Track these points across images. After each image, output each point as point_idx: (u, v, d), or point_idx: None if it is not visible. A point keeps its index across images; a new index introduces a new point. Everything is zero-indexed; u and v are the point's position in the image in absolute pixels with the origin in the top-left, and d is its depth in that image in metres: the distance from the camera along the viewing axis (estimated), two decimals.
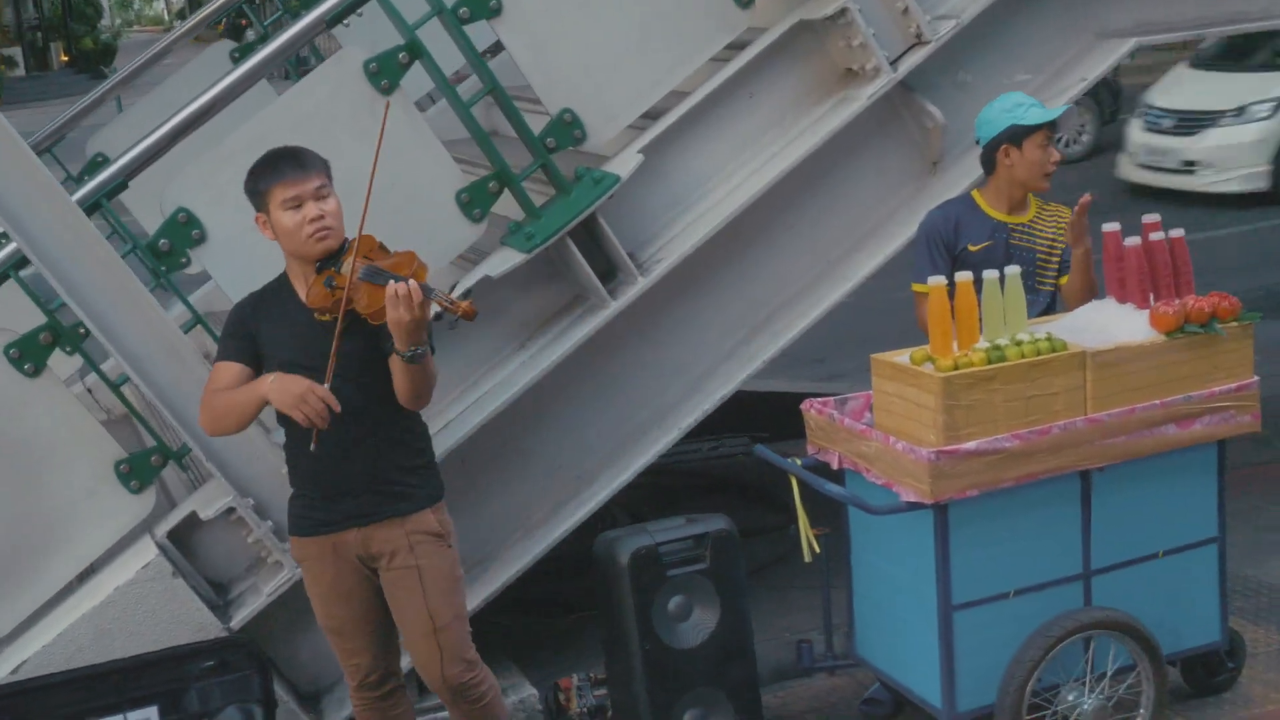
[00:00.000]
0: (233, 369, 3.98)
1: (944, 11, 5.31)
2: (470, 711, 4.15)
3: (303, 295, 3.98)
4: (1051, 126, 4.72)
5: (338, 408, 3.77)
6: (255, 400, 3.89)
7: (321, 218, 3.91)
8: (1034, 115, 4.70)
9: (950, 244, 4.76)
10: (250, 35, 7.47)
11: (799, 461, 4.66)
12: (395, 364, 3.85)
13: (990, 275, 4.25)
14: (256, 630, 4.64)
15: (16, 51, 40.92)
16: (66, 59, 42.20)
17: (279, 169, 3.93)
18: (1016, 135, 4.69)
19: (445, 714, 4.44)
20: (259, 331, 3.99)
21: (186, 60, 7.15)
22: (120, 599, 4.48)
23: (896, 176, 5.45)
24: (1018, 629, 4.35)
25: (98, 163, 6.03)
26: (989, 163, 4.78)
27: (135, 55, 7.59)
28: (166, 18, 64.31)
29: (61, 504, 4.50)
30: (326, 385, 3.78)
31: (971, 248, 4.74)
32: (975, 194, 4.87)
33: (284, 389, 3.79)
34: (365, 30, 5.63)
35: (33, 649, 4.44)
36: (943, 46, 5.26)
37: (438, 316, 3.89)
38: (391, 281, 3.69)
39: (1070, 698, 4.40)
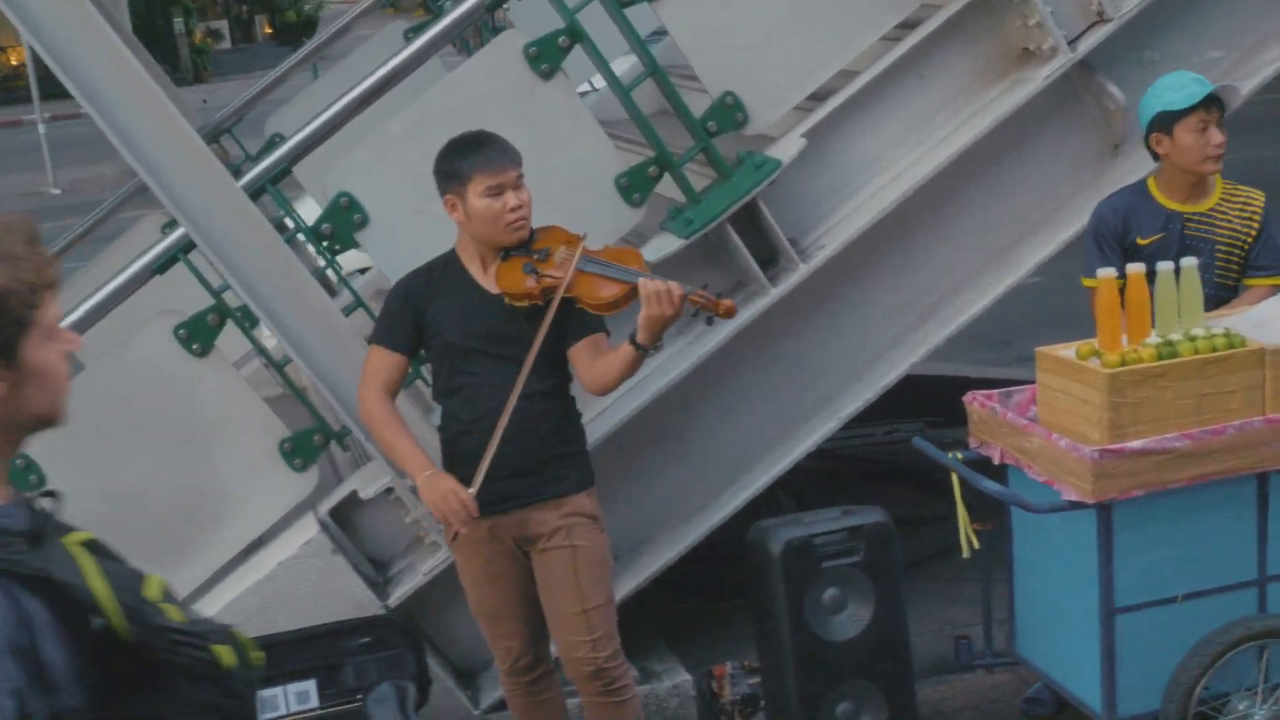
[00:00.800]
0: (389, 358, 4.07)
1: None
2: (608, 705, 4.15)
3: (479, 277, 4.01)
4: (1208, 108, 4.45)
5: (476, 513, 3.89)
6: (404, 468, 4.10)
7: (520, 208, 3.97)
8: (1180, 98, 4.45)
9: (1119, 237, 4.56)
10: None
11: (960, 456, 4.56)
12: (619, 354, 3.92)
13: (1165, 266, 4.08)
14: (414, 608, 4.72)
15: (223, 25, 42.22)
16: (270, 31, 43.36)
17: (485, 155, 3.97)
18: (1166, 121, 4.45)
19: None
20: (427, 309, 4.04)
21: (378, 32, 7.26)
22: (283, 573, 4.61)
23: (1075, 160, 5.26)
24: (1185, 634, 4.18)
25: (274, 143, 6.15)
26: (1152, 152, 4.58)
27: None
28: None
29: (229, 480, 4.64)
30: (527, 368, 3.88)
31: (1141, 241, 4.53)
32: (1150, 181, 4.65)
33: (431, 486, 3.92)
34: (530, 12, 5.64)
35: None
36: (1126, 24, 5.04)
37: (693, 314, 3.92)
38: (643, 279, 3.81)
39: (1241, 707, 4.23)
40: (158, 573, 2.16)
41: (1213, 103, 4.46)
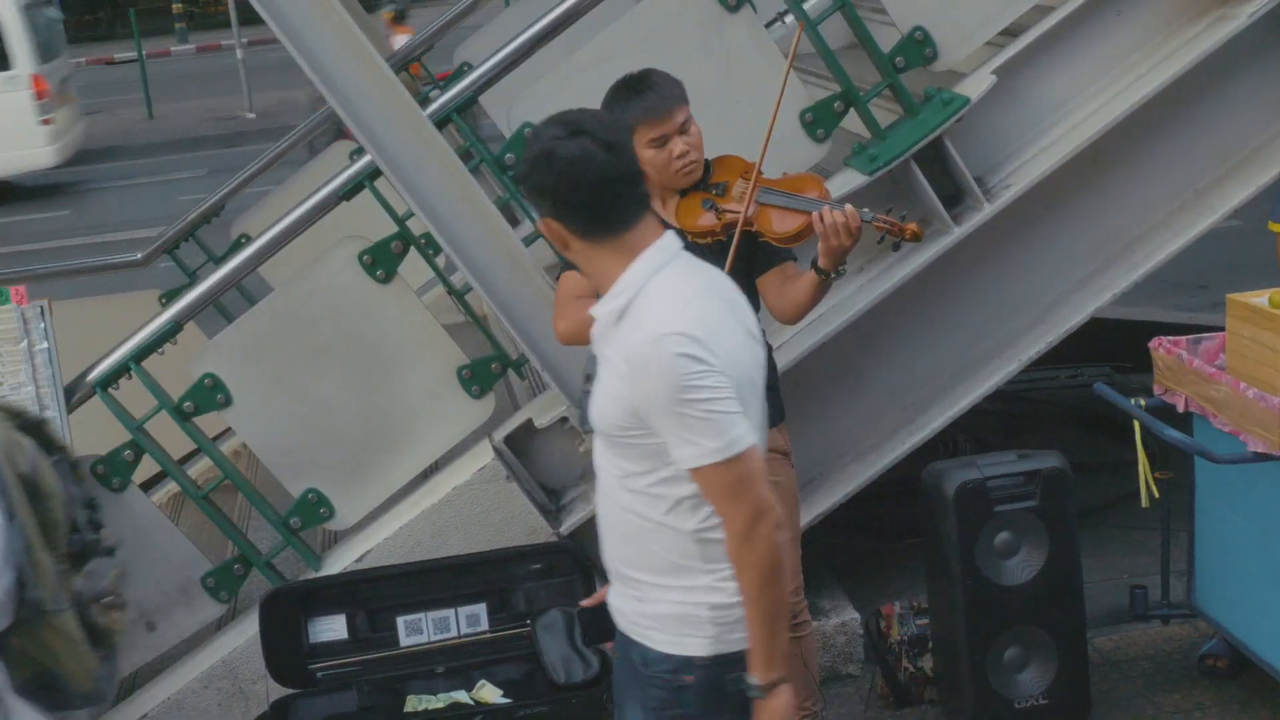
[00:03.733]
0: (580, 280, 3.89)
1: None
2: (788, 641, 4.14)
3: (660, 212, 4.00)
4: None
5: None
6: None
7: (687, 153, 3.88)
8: None
9: None
10: None
11: (1143, 403, 4.45)
12: (805, 280, 3.86)
13: None
14: (585, 536, 4.76)
15: None
16: None
17: (645, 105, 3.83)
18: None
19: None
20: None
21: None
22: (457, 499, 4.69)
23: (1277, 102, 5.06)
24: None
25: (462, 71, 6.21)
26: None
27: None
28: None
29: (408, 404, 4.73)
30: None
31: None
32: None
33: None
34: None
35: (375, 541, 4.70)
36: None
37: (880, 239, 3.87)
38: (826, 209, 3.72)
39: None
40: (340, 491, 2.22)
41: None
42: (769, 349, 3.99)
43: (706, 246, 3.91)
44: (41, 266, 8.15)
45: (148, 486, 5.17)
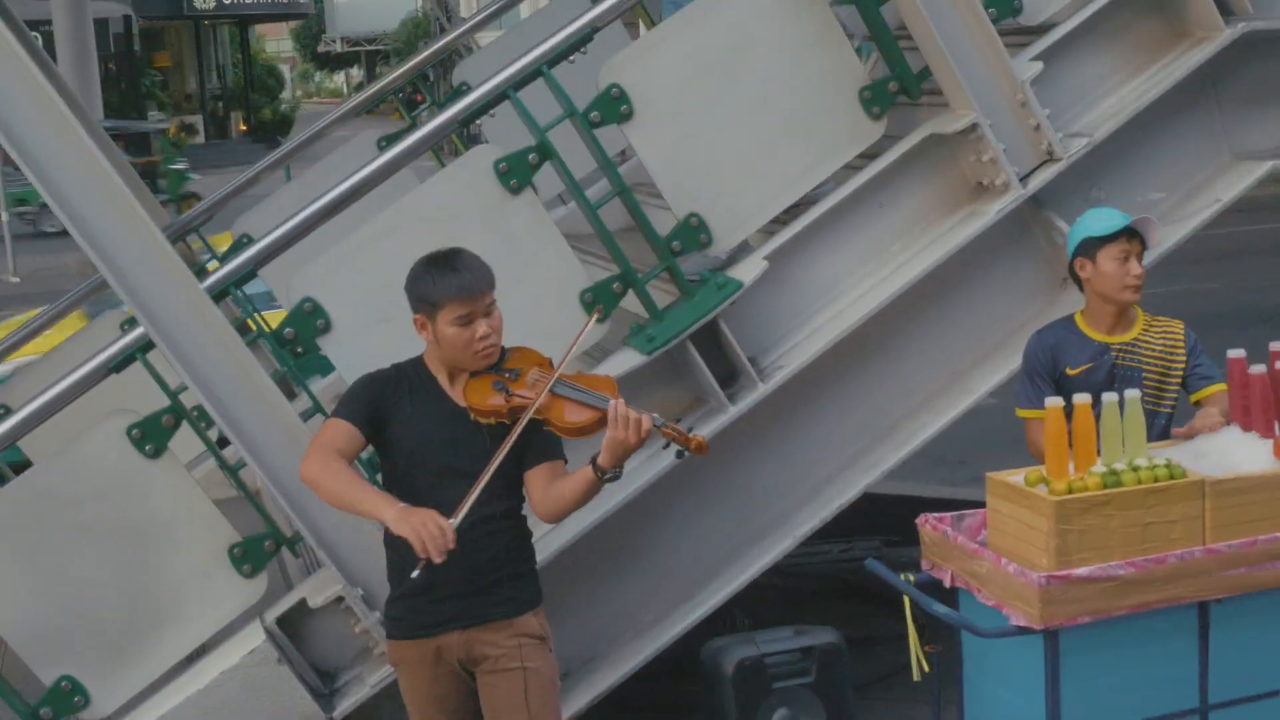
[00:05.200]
0: (347, 430, 3.92)
1: (1078, 129, 5.26)
2: None
3: (446, 388, 4.01)
4: (1130, 239, 4.58)
5: (453, 543, 3.70)
6: (370, 512, 3.81)
7: (489, 335, 3.92)
8: (1103, 226, 4.59)
9: (1050, 369, 4.67)
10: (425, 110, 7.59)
11: (912, 578, 4.57)
12: (577, 478, 3.86)
13: (1109, 398, 4.14)
14: None
15: (198, 119, 42.50)
16: (245, 128, 43.69)
17: (456, 282, 3.89)
18: (1089, 247, 4.60)
19: None
20: (393, 408, 3.98)
21: (360, 131, 7.32)
22: (226, 683, 4.54)
23: (1026, 290, 5.37)
24: None
25: (241, 244, 6.19)
26: (1076, 280, 4.70)
27: (310, 126, 7.82)
28: (346, 90, 66.28)
29: (175, 584, 4.58)
30: (481, 484, 3.79)
31: (1070, 371, 4.64)
32: (1077, 315, 4.76)
33: (406, 516, 3.70)
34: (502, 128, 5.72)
35: None
36: (1075, 163, 5.21)
37: (664, 446, 3.92)
38: (613, 403, 3.74)
39: None
40: (97, 678, 2.14)
41: (1134, 235, 4.61)
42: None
43: (488, 428, 3.92)
44: None
45: None
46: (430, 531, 3.66)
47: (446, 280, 3.90)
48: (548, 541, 4.59)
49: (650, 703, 5.77)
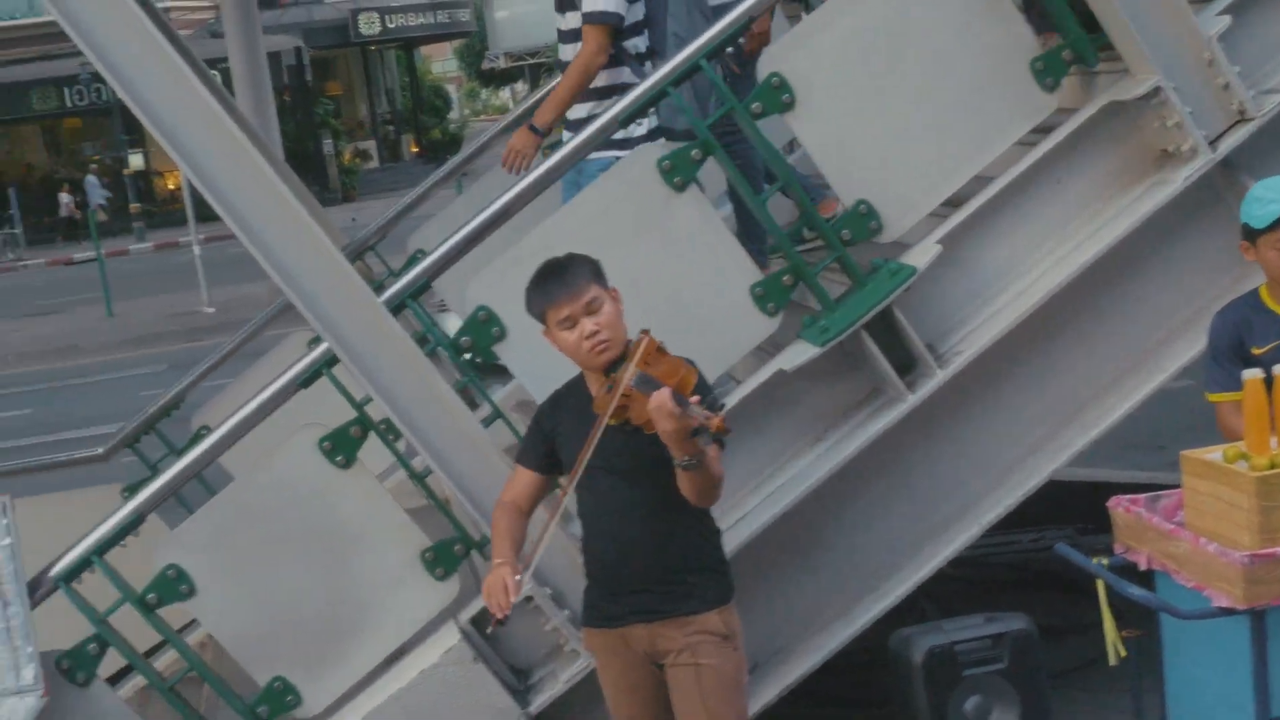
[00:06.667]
0: (526, 476, 4.14)
1: (1272, 85, 5.01)
2: None
3: (595, 395, 4.05)
4: None
5: (515, 597, 3.81)
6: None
7: (597, 332, 3.92)
8: (1260, 217, 4.33)
9: (1236, 348, 4.44)
10: None
11: (1105, 562, 4.47)
12: (679, 475, 3.87)
13: None
14: (556, 716, 4.73)
15: (371, 145, 43.50)
16: (416, 150, 44.57)
17: (547, 291, 3.97)
18: (1250, 234, 4.38)
19: None
20: (556, 431, 4.09)
21: None
22: (424, 682, 4.65)
23: (1218, 260, 5.14)
24: None
25: (415, 258, 6.31)
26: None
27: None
28: (512, 105, 67.14)
29: (372, 589, 4.71)
30: (574, 481, 3.86)
31: (1256, 350, 4.40)
32: (1261, 289, 4.52)
33: (489, 574, 3.92)
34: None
35: None
36: (1270, 122, 4.96)
37: (694, 432, 3.87)
38: (656, 394, 3.69)
39: None
40: (306, 679, 2.20)
41: None
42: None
43: (619, 427, 3.89)
44: (2, 464, 8.12)
45: (114, 680, 5.10)
46: (493, 590, 3.84)
47: (542, 289, 3.99)
48: (729, 537, 4.58)
49: (839, 695, 5.74)
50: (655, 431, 3.75)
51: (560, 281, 3.97)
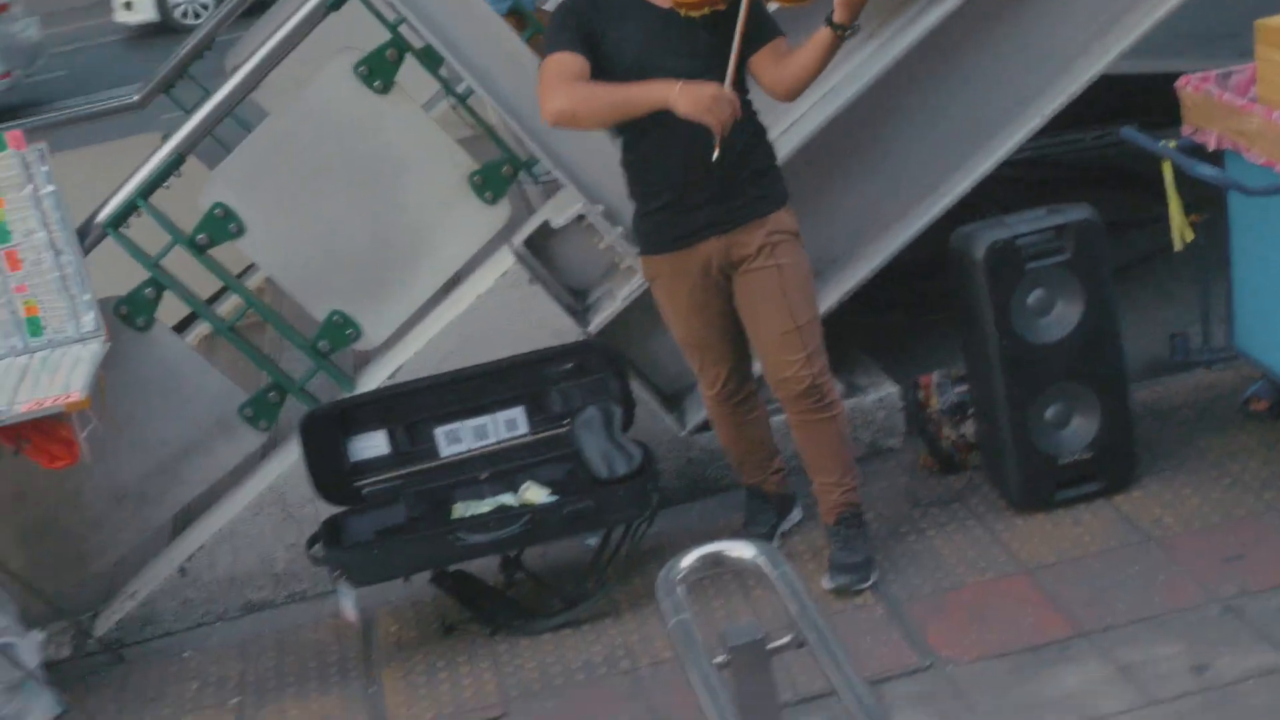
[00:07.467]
0: (573, 58, 3.78)
1: None
2: (818, 421, 4.12)
3: None
4: None
5: (739, 113, 3.67)
6: (650, 103, 3.69)
7: None
8: None
9: None
10: None
11: (1172, 144, 4.33)
12: (814, 42, 3.75)
13: None
14: (614, 334, 4.72)
15: None
16: None
17: None
18: None
19: None
20: (600, 32, 3.83)
21: None
22: (482, 307, 4.64)
23: None
24: None
25: None
26: None
27: None
28: None
29: (422, 216, 4.67)
30: (728, 86, 3.68)
31: None
32: None
33: (694, 95, 3.62)
34: None
35: (406, 356, 4.68)
36: None
37: None
38: None
39: None
40: (363, 311, 2.17)
41: None
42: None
43: (701, 19, 3.76)
44: (42, 117, 8.06)
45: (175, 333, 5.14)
46: (724, 110, 3.62)
47: None
48: (783, 142, 4.46)
49: (900, 300, 5.72)
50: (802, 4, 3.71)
51: None
